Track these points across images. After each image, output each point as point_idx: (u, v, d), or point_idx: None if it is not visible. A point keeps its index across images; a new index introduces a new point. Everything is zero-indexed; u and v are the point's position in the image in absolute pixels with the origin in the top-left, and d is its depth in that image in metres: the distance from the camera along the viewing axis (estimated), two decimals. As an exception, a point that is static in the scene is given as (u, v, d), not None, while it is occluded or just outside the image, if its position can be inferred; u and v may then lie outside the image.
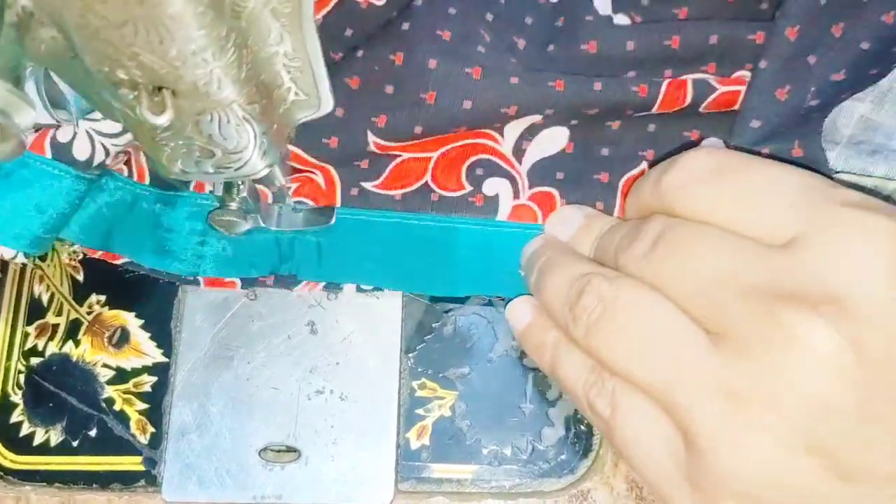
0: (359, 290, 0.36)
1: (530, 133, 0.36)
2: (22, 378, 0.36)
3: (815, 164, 0.33)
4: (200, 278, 0.36)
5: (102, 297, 0.37)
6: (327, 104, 0.29)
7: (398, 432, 0.35)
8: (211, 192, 0.36)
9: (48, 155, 0.32)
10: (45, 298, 0.37)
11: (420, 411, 0.35)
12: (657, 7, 0.36)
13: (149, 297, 0.37)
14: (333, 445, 0.34)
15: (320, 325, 0.36)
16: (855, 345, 0.22)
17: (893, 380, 0.22)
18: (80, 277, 0.37)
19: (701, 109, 0.35)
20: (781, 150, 0.33)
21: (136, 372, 0.36)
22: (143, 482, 0.35)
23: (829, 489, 0.23)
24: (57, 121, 0.31)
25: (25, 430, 0.35)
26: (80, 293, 0.37)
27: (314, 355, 0.36)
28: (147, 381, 0.36)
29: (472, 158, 0.36)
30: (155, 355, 0.36)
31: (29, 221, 0.32)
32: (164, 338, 0.36)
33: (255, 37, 0.24)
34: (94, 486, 0.35)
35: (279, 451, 0.35)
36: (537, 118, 0.35)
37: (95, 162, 0.33)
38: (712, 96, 0.34)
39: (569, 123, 0.36)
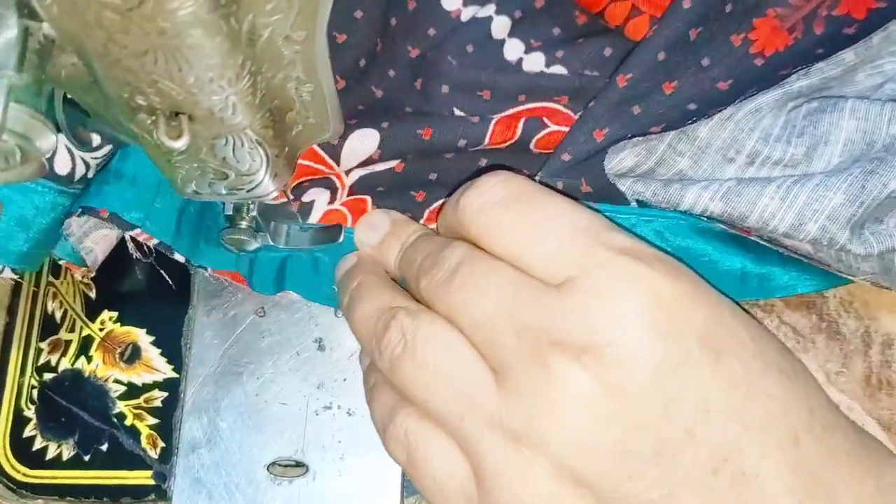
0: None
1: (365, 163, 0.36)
2: (35, 393, 0.37)
3: (608, 198, 0.33)
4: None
5: (114, 314, 0.38)
6: (337, 128, 0.30)
7: (404, 448, 0.35)
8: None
9: None
10: (58, 315, 0.38)
11: (426, 427, 0.36)
12: (567, 42, 0.36)
13: (160, 314, 0.38)
14: (340, 461, 0.35)
15: (328, 341, 0.37)
16: (611, 390, 0.24)
17: (647, 419, 0.24)
18: (93, 294, 0.38)
19: (531, 147, 0.35)
20: (572, 186, 0.33)
21: (147, 387, 0.37)
22: (153, 496, 0.35)
23: None
24: (76, 145, 0.32)
25: (38, 444, 0.36)
26: (92, 310, 0.38)
27: (322, 371, 0.36)
28: (158, 397, 0.37)
29: (305, 177, 0.36)
30: (165, 371, 0.37)
31: (12, 237, 0.33)
32: (174, 354, 0.37)
33: (269, 63, 0.25)
34: (105, 499, 0.35)
35: (287, 466, 0.35)
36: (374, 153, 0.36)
37: (77, 176, 0.34)
38: (541, 134, 0.35)
39: (404, 157, 0.36)
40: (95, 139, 0.33)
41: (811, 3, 0.33)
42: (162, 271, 0.37)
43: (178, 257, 0.35)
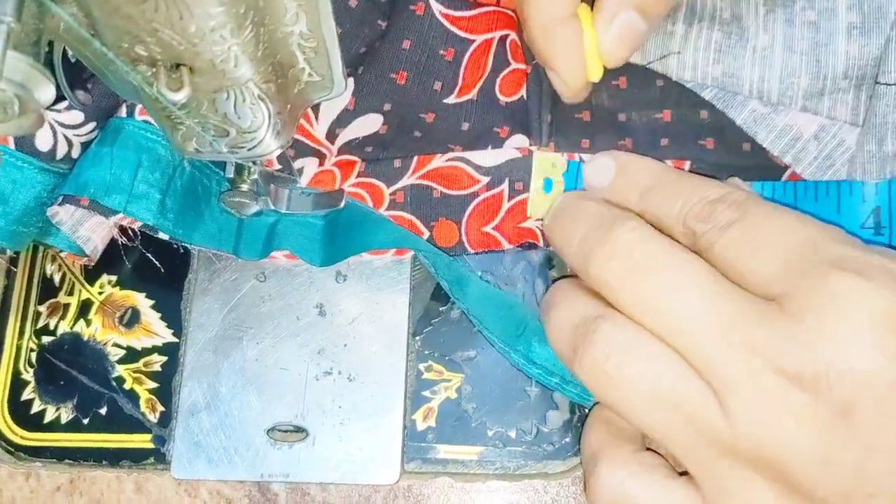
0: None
1: (343, 121, 0.36)
2: (34, 356, 0.37)
3: None
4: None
5: (113, 278, 0.38)
6: (340, 86, 0.29)
7: (405, 413, 0.35)
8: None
9: (11, 145, 0.32)
10: (56, 278, 0.38)
11: (426, 393, 0.35)
12: None
13: (160, 277, 0.37)
14: (341, 426, 0.35)
15: (329, 307, 0.37)
16: (842, 413, 0.24)
17: (884, 440, 0.24)
18: (92, 258, 0.38)
19: (497, 93, 0.36)
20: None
21: (147, 351, 0.37)
22: (152, 460, 0.35)
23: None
24: (73, 102, 0.32)
25: (36, 407, 0.36)
26: (91, 273, 0.38)
27: (322, 337, 0.36)
28: (157, 361, 0.36)
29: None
30: (165, 335, 0.37)
31: None
32: (174, 318, 0.37)
33: (271, 16, 0.24)
34: (104, 463, 0.35)
35: (287, 431, 0.35)
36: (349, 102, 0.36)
37: (59, 154, 0.33)
38: (505, 71, 0.36)
39: (382, 109, 0.36)
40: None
41: None
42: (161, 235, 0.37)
43: (163, 236, 0.35)
